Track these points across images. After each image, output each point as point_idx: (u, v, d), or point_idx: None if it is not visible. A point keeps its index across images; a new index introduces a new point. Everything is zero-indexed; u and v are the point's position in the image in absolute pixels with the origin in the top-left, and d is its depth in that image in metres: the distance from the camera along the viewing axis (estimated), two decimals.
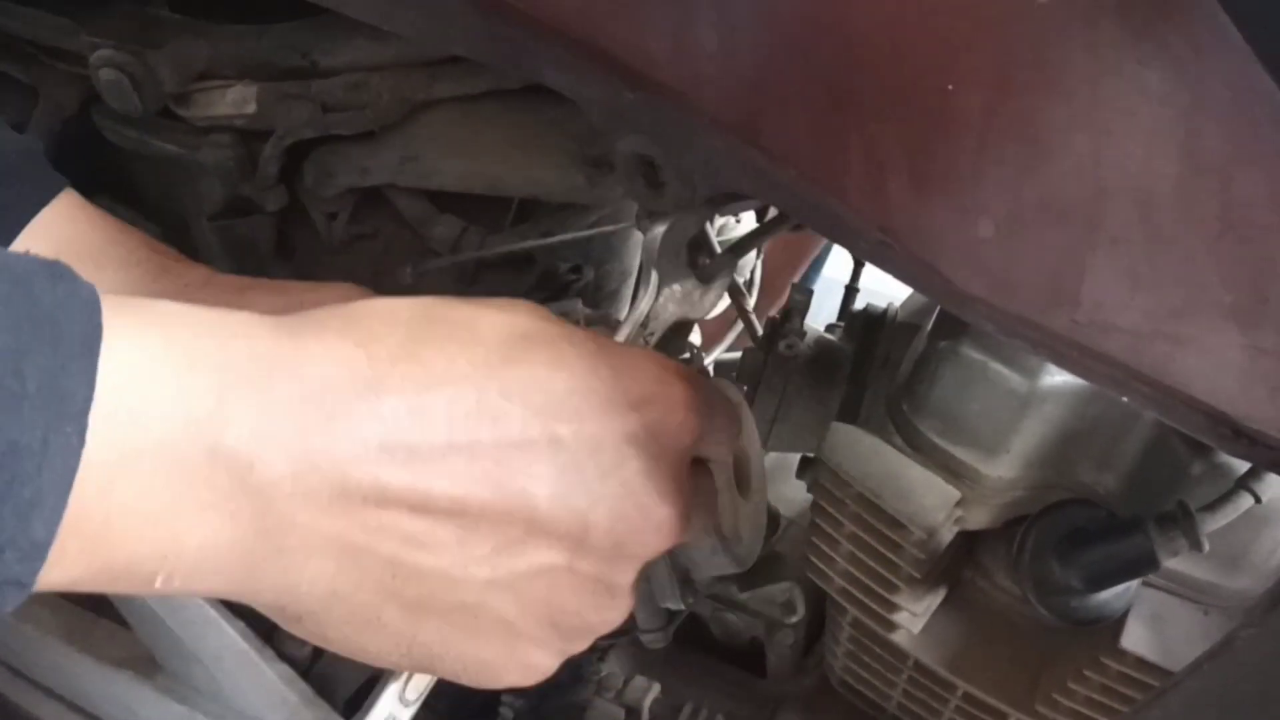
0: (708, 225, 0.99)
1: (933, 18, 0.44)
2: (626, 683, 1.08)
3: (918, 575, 0.76)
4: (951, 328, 0.72)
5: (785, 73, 0.48)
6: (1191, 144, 0.41)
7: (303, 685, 0.99)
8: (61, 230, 0.66)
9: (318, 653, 1.03)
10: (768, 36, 0.48)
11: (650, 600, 0.72)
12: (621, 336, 0.64)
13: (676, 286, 0.68)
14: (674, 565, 0.69)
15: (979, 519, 0.74)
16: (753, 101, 0.49)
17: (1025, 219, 0.45)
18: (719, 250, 0.96)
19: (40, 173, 0.67)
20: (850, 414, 0.85)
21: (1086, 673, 0.72)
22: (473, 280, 0.88)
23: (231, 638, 0.95)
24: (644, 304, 0.66)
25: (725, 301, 1.28)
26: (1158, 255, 0.43)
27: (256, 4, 0.81)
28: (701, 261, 0.71)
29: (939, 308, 0.78)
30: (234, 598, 0.42)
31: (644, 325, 0.66)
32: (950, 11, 0.43)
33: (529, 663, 0.50)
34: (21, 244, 0.64)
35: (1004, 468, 0.71)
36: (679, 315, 0.68)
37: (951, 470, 0.73)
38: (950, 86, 0.44)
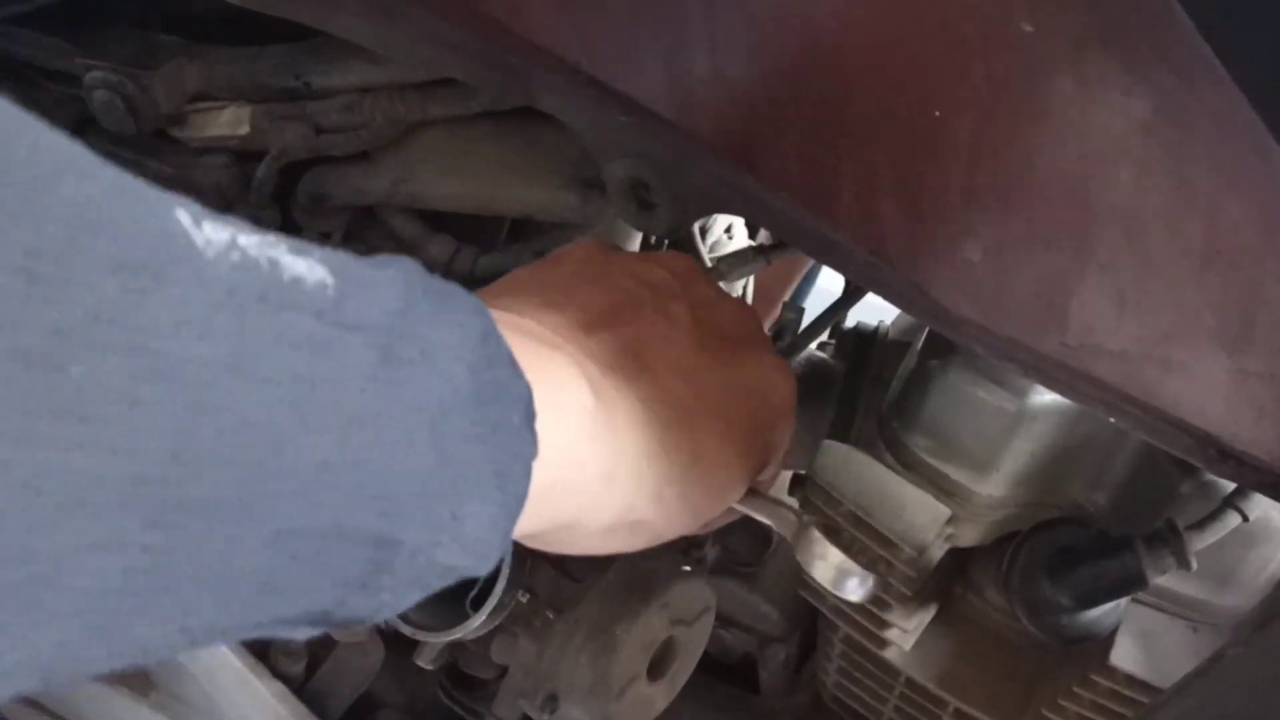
0: (697, 236, 1.00)
1: (922, 45, 0.44)
2: None
3: (909, 592, 0.76)
4: (942, 346, 0.72)
5: (777, 99, 0.48)
6: (1178, 171, 0.42)
7: (295, 702, 0.99)
8: None
9: (311, 669, 1.03)
10: (759, 63, 0.48)
11: (512, 690, 0.74)
12: None
13: None
14: (548, 678, 0.71)
15: (969, 537, 0.75)
16: (744, 127, 0.50)
17: (1015, 243, 0.45)
18: (709, 263, 0.97)
19: None
20: (841, 432, 0.86)
21: (1077, 690, 0.72)
22: None
23: (225, 655, 0.95)
24: None
25: None
26: (1146, 280, 0.44)
27: (251, 26, 0.81)
28: None
29: (928, 328, 0.79)
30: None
31: None
32: (940, 39, 0.44)
33: None
34: None
35: (994, 486, 0.72)
36: None
37: (942, 488, 0.73)
38: (938, 113, 0.45)
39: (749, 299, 1.26)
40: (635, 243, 1.02)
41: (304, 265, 0.30)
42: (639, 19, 0.50)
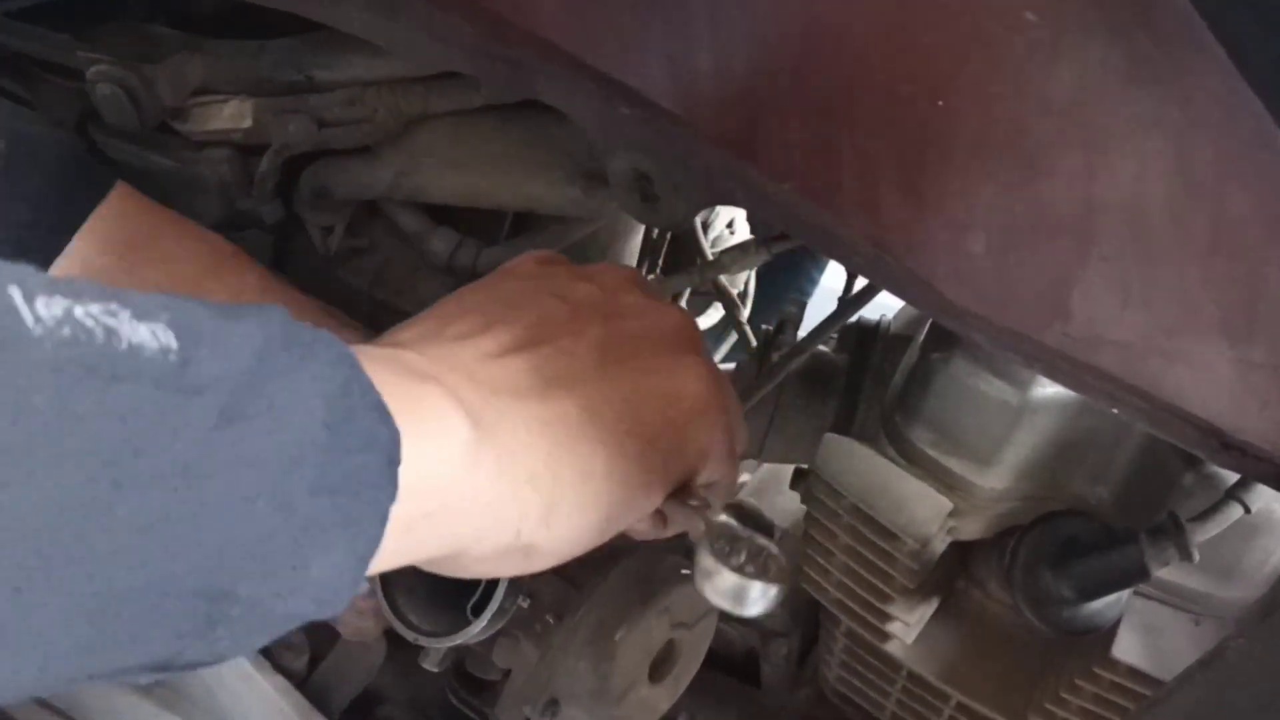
0: (699, 229, 1.00)
1: (925, 36, 0.44)
2: None
3: (911, 586, 0.76)
4: (944, 339, 0.72)
5: (779, 90, 0.48)
6: (1182, 162, 0.42)
7: (298, 697, 1.00)
8: (115, 226, 0.68)
9: (313, 664, 1.03)
10: (762, 55, 0.48)
11: (514, 695, 0.74)
12: None
13: None
14: (549, 682, 0.71)
15: (972, 530, 0.75)
16: (747, 119, 0.50)
17: (1018, 235, 0.45)
18: (710, 256, 0.97)
19: (91, 170, 0.68)
20: (844, 425, 0.86)
21: (1079, 682, 0.72)
22: None
23: None
24: None
25: (719, 311, 1.28)
26: (1149, 272, 0.44)
27: (253, 20, 0.81)
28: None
29: (931, 320, 0.79)
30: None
31: None
32: (943, 30, 0.44)
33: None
34: (79, 242, 0.66)
35: (996, 479, 0.72)
36: None
37: (944, 481, 0.73)
38: (942, 103, 0.45)
39: (750, 293, 1.26)
40: (638, 237, 1.02)
41: (146, 331, 0.31)
42: (641, 11, 0.50)
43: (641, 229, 1.03)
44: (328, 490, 0.36)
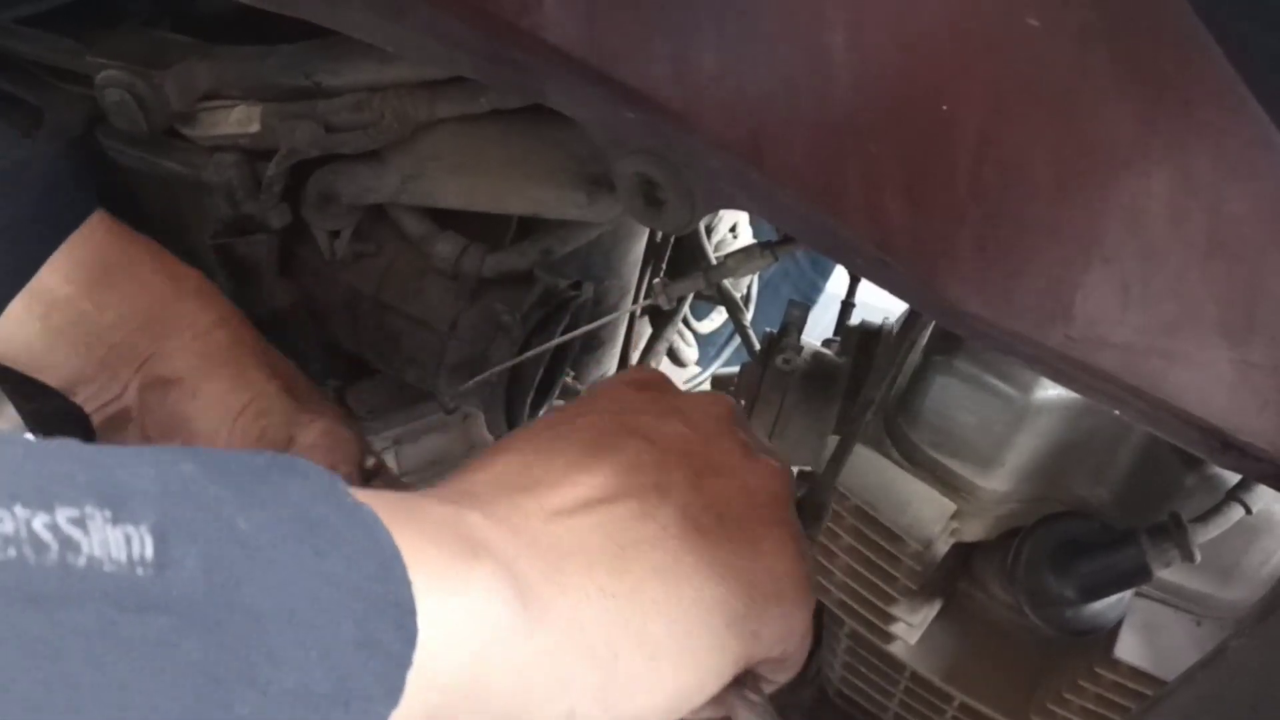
0: (703, 234, 1.01)
1: (929, 40, 0.45)
2: None
3: (914, 587, 0.76)
4: (946, 342, 0.73)
5: (784, 94, 0.49)
6: (1181, 164, 0.42)
7: None
8: (83, 257, 0.69)
9: None
10: (767, 59, 0.49)
11: None
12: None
13: None
14: None
15: (974, 531, 0.75)
16: (752, 122, 0.50)
17: (1020, 237, 0.46)
18: (714, 261, 0.97)
19: (69, 198, 0.68)
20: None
21: (1081, 682, 0.72)
22: (473, 297, 0.89)
23: None
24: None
25: (722, 315, 1.29)
26: (1149, 273, 0.44)
27: (261, 25, 0.82)
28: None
29: (934, 322, 0.79)
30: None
31: None
32: (946, 34, 0.44)
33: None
34: (45, 272, 0.67)
35: (998, 480, 0.72)
36: None
37: (947, 483, 0.74)
38: (945, 107, 0.45)
39: (754, 296, 1.26)
40: (642, 241, 1.03)
41: (119, 538, 0.28)
42: (647, 14, 0.50)
43: (645, 233, 1.03)
44: (306, 701, 0.32)
